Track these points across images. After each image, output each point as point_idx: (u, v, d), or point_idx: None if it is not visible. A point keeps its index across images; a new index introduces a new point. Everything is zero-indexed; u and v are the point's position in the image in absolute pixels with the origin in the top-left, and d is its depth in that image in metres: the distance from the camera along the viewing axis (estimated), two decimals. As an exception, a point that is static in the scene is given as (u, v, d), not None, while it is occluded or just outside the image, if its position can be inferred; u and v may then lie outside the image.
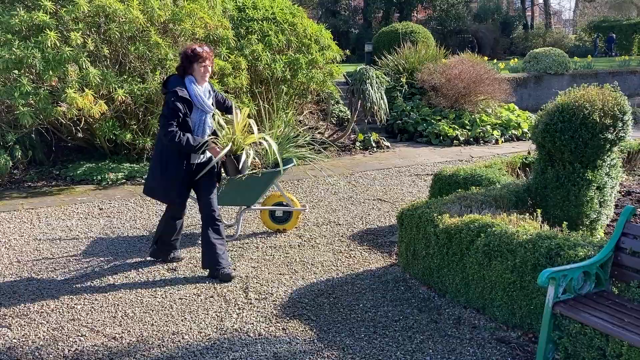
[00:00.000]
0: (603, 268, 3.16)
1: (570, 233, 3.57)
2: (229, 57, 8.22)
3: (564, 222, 3.88)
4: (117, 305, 4.00)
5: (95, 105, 6.76)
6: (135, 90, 7.25)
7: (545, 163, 4.57)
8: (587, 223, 4.45)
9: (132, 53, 7.37)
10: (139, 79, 7.49)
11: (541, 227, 3.76)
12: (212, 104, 4.48)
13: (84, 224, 5.82)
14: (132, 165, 7.79)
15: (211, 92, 4.50)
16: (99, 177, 7.37)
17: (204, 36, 8.00)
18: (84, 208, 6.35)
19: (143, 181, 7.41)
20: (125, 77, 7.42)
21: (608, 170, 4.51)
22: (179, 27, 7.66)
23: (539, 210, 4.10)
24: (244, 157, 4.47)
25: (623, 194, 5.97)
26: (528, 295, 3.40)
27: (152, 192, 4.54)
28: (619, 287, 3.19)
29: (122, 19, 7.18)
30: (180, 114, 4.20)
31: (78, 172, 7.52)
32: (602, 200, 4.49)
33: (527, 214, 4.07)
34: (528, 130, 10.52)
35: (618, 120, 4.30)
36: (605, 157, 4.44)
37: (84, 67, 6.85)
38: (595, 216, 4.47)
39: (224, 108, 4.75)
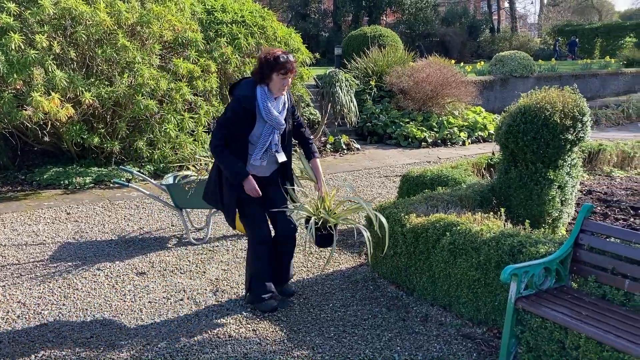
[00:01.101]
0: (563, 264, 3.27)
1: (532, 231, 3.68)
2: (198, 60, 8.20)
3: (527, 221, 3.99)
4: (86, 310, 3.97)
5: (61, 108, 6.68)
6: (102, 93, 7.19)
7: (509, 163, 4.70)
8: (549, 221, 4.59)
9: (99, 56, 7.31)
10: (106, 82, 7.43)
11: (505, 226, 3.87)
12: (287, 120, 3.79)
13: (50, 228, 5.74)
14: (100, 169, 7.71)
15: (287, 104, 3.78)
16: (67, 182, 7.27)
17: (172, 39, 7.97)
18: (51, 213, 6.26)
19: (112, 185, 7.34)
20: (93, 80, 7.34)
21: (569, 170, 4.65)
22: (146, 30, 7.62)
23: (502, 209, 4.21)
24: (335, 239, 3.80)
25: (584, 193, 6.15)
26: (492, 292, 3.49)
27: (206, 198, 4.00)
28: (578, 282, 3.30)
29: (88, 21, 7.12)
30: (239, 127, 3.64)
31: (45, 176, 7.41)
32: (563, 199, 4.63)
33: (492, 213, 4.18)
34: (494, 131, 10.73)
35: (578, 121, 4.44)
36: (566, 157, 4.59)
37: (50, 70, 6.76)
38: (557, 214, 4.61)
39: (298, 133, 3.97)
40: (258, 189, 3.71)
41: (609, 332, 2.72)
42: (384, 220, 3.83)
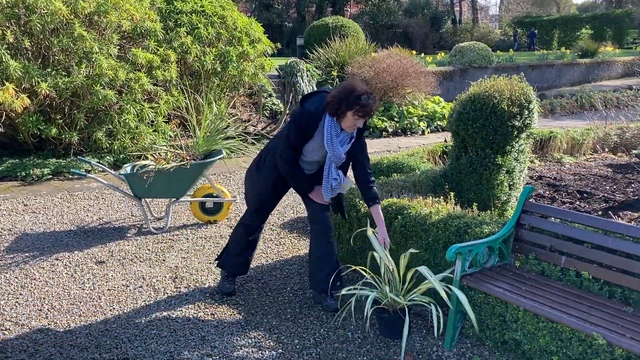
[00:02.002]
0: (506, 243, 3.45)
1: (479, 213, 3.85)
2: (158, 50, 8.16)
3: (475, 204, 4.17)
4: (44, 298, 3.98)
5: (16, 99, 6.58)
6: (59, 83, 7.11)
7: (460, 150, 4.87)
8: (498, 205, 4.79)
9: (55, 46, 7.21)
10: (63, 73, 7.33)
11: (454, 209, 4.03)
12: (350, 153, 3.63)
13: (7, 220, 5.68)
14: (58, 160, 7.62)
15: (353, 139, 3.58)
16: (23, 173, 7.17)
17: (130, 29, 7.91)
18: (7, 204, 6.19)
19: (70, 176, 7.27)
20: (49, 70, 7.24)
21: (517, 155, 4.85)
22: (104, 19, 7.55)
23: (452, 193, 4.37)
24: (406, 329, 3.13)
25: (535, 178, 6.40)
26: (441, 271, 3.64)
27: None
28: (520, 260, 3.49)
29: (43, 10, 7.02)
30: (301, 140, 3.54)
31: (0, 168, 7.29)
32: (511, 183, 4.83)
33: (442, 198, 4.34)
34: (447, 119, 10.99)
35: (524, 108, 4.64)
36: (514, 142, 4.78)
37: (4, 59, 6.65)
38: (505, 198, 4.81)
39: (359, 173, 3.67)
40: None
41: (544, 304, 2.91)
42: (462, 297, 3.14)
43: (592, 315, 2.80)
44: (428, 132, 10.83)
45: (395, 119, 10.84)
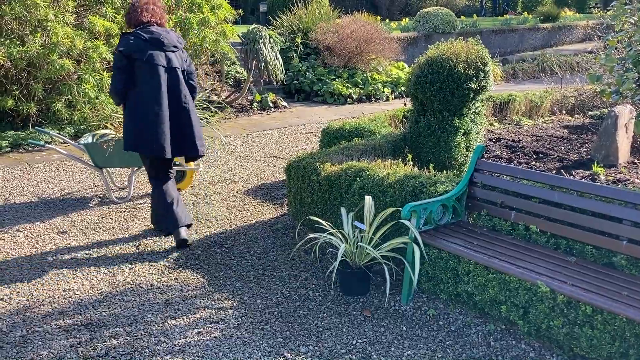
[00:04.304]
0: (459, 201, 3.58)
1: (435, 173, 3.96)
2: (116, 18, 7.97)
3: (431, 164, 4.28)
4: (5, 270, 3.97)
5: (-31, 69, 6.39)
6: (14, 53, 6.91)
7: (419, 113, 4.96)
8: (456, 166, 4.92)
9: (7, 14, 6.98)
10: (18, 42, 7.12)
11: (411, 170, 4.13)
12: None
13: (-35, 194, 5.59)
14: (17, 132, 7.45)
15: None
16: (-20, 147, 7.01)
17: (86, -4, 7.70)
18: (-35, 178, 6.07)
19: (30, 148, 7.14)
20: (2, 39, 7.03)
21: (473, 117, 4.96)
22: (58, -15, 7.32)
23: (410, 156, 4.48)
24: None
25: (494, 140, 6.56)
26: (398, 230, 3.76)
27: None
28: (473, 217, 3.62)
29: (-7, -23, 6.77)
30: None
31: (-44, 142, 7.11)
32: (468, 144, 4.96)
33: (400, 160, 4.44)
34: (405, 83, 11.06)
35: (480, 71, 4.73)
36: (470, 105, 4.88)
37: (-47, 29, 6.43)
38: (462, 159, 4.94)
39: None
40: None
41: (494, 257, 3.05)
42: (417, 251, 3.30)
43: (538, 266, 2.95)
44: (392, 98, 10.90)
45: (360, 86, 10.87)
